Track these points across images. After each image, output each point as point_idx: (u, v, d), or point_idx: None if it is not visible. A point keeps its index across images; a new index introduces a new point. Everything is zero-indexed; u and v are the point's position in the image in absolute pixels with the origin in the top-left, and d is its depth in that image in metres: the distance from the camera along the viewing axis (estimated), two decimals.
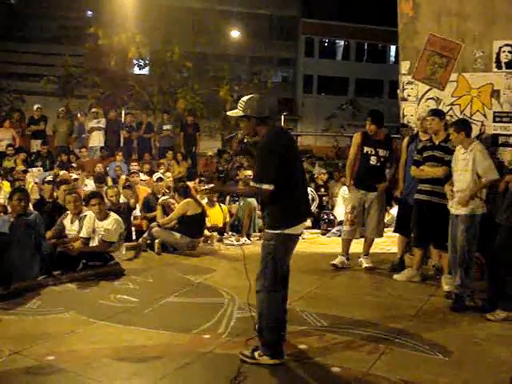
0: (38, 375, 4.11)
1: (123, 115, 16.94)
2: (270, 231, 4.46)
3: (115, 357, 4.49)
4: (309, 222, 9.71)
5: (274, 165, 4.29)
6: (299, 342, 4.89)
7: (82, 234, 7.25)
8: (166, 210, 9.03)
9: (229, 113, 4.76)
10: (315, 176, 13.32)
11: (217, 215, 9.96)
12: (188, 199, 8.62)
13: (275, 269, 4.43)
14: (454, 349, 4.86)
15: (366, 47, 46.79)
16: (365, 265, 7.67)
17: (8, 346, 4.59)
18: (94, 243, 7.26)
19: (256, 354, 4.45)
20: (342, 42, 46.70)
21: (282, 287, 4.51)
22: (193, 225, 8.54)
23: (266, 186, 4.28)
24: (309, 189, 10.33)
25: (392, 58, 46.93)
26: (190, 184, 11.01)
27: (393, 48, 46.54)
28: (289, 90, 44.56)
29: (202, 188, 5.92)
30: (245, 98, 4.51)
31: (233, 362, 4.44)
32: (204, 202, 9.84)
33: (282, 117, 26.54)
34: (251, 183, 4.45)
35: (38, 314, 5.49)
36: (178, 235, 8.44)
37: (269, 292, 4.45)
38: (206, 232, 9.22)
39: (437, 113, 6.90)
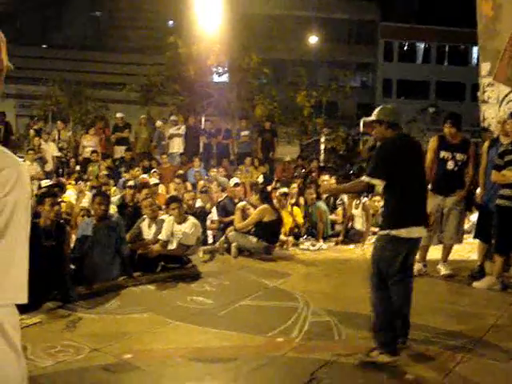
0: (116, 372, 4.28)
1: (202, 122, 17.29)
2: (379, 232, 4.76)
3: (190, 357, 4.60)
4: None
5: (387, 164, 4.54)
6: (371, 348, 4.82)
7: (160, 237, 7.46)
8: (243, 214, 9.13)
9: (364, 119, 5.12)
10: None
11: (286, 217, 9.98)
12: (265, 205, 8.68)
13: (381, 269, 4.58)
14: None
15: (446, 49, 45.57)
16: (443, 272, 7.48)
17: (88, 343, 4.81)
18: (172, 246, 7.46)
19: (374, 353, 4.51)
20: (421, 45, 45.67)
21: (395, 284, 4.58)
22: (269, 230, 8.61)
23: (375, 181, 4.55)
24: None
25: (474, 60, 45.43)
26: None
27: (475, 49, 45.06)
28: (368, 95, 43.98)
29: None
30: (379, 107, 4.89)
31: (306, 365, 4.46)
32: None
33: (361, 122, 26.15)
34: (363, 178, 4.67)
35: (118, 314, 5.72)
36: (254, 239, 8.53)
37: (377, 291, 4.61)
38: (282, 236, 9.26)
39: None
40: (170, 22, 28.61)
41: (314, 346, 4.92)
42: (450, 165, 7.28)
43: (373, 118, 4.79)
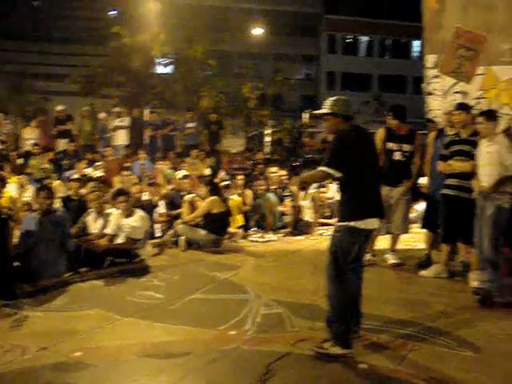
0: (66, 371, 4.14)
1: (145, 113, 17.01)
2: (337, 223, 4.71)
3: (142, 353, 4.50)
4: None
5: (343, 155, 4.53)
6: (323, 339, 4.82)
7: (107, 231, 7.29)
8: (191, 207, 9.02)
9: (315, 112, 5.01)
10: None
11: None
12: (214, 197, 8.60)
13: (338, 260, 4.57)
14: (484, 345, 4.80)
15: (389, 43, 46.38)
16: (391, 261, 7.59)
17: (36, 342, 4.65)
18: (119, 240, 7.29)
19: (326, 344, 4.53)
20: (364, 38, 46.37)
21: (348, 275, 4.62)
22: (218, 222, 8.54)
23: (331, 171, 4.53)
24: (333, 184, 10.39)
25: (415, 54, 46.50)
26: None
27: (416, 43, 46.11)
28: (312, 87, 44.36)
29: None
30: (331, 98, 4.81)
31: (259, 358, 4.42)
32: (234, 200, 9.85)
33: (304, 114, 26.32)
34: (319, 168, 4.62)
35: (65, 311, 5.54)
36: (203, 232, 8.44)
37: (334, 282, 4.59)
38: (231, 229, 9.20)
39: (464, 107, 6.81)
40: (113, 12, 27.99)
41: (267, 339, 4.88)
42: (397, 156, 7.37)
43: (326, 110, 4.75)
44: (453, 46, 7.40)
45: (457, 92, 7.44)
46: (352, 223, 4.53)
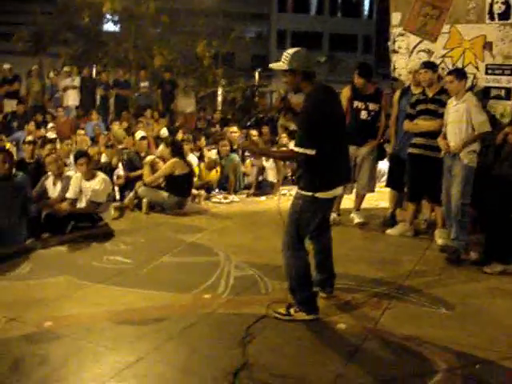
0: (39, 342, 3.97)
1: (94, 72, 16.48)
2: (300, 191, 4.39)
3: (116, 320, 4.38)
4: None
5: (318, 130, 4.18)
6: None
7: (68, 195, 7.06)
8: (152, 169, 8.81)
9: (271, 65, 4.54)
10: None
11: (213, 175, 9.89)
12: (176, 159, 8.40)
13: (299, 229, 4.39)
14: (456, 302, 4.88)
15: (339, 1, 46.17)
16: (356, 220, 7.61)
17: (3, 312, 4.44)
18: (81, 204, 7.07)
19: (291, 310, 4.43)
20: None
21: (304, 246, 4.47)
22: (180, 184, 8.35)
23: (308, 151, 4.17)
24: None
25: (366, 13, 46.56)
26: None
27: (366, 2, 46.15)
28: (262, 46, 43.93)
29: (244, 145, 5.61)
30: (290, 51, 4.32)
31: (237, 321, 4.37)
32: (194, 160, 9.69)
33: (256, 73, 26.07)
34: (292, 147, 4.35)
35: (30, 279, 5.33)
36: (165, 194, 8.27)
37: (293, 250, 4.41)
38: (194, 190, 9.06)
39: (430, 65, 6.77)
40: None
41: (242, 301, 4.83)
42: (364, 115, 7.34)
43: (284, 66, 4.27)
44: (418, 4, 7.32)
45: (422, 50, 7.38)
46: (318, 194, 4.30)
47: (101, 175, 7.13)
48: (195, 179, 9.18)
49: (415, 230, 7.15)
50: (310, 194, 4.30)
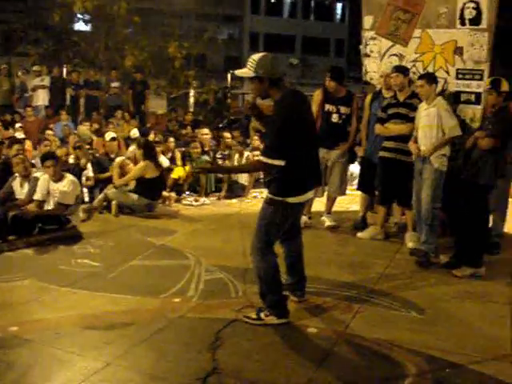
0: (3, 348, 3.86)
1: (65, 72, 16.27)
2: (270, 196, 4.31)
3: (83, 325, 4.29)
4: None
5: (286, 139, 4.11)
6: None
7: (35, 197, 6.91)
8: (122, 171, 8.70)
9: (237, 72, 4.41)
10: None
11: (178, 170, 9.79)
12: (146, 161, 8.30)
13: (269, 233, 4.33)
14: (426, 306, 4.88)
15: (312, 4, 46.34)
16: (327, 223, 7.61)
17: None
18: (48, 206, 6.94)
19: (262, 314, 4.38)
20: None
21: (273, 250, 4.42)
22: (151, 187, 8.26)
23: (277, 162, 4.09)
24: None
25: (338, 16, 46.84)
26: None
27: (339, 5, 46.43)
28: (235, 48, 43.88)
29: (196, 170, 5.94)
30: (255, 57, 4.19)
31: (206, 326, 4.32)
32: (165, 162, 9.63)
33: (229, 75, 26.06)
34: (261, 157, 4.21)
35: None
36: (135, 196, 8.16)
37: (262, 255, 4.35)
38: (164, 192, 8.97)
39: (401, 69, 6.81)
40: None
41: (212, 305, 4.78)
42: (335, 118, 7.35)
43: (249, 73, 4.17)
44: (390, 8, 7.36)
45: (393, 54, 7.42)
46: (289, 199, 4.23)
47: (69, 177, 7.00)
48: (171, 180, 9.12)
49: (386, 233, 7.18)
50: (280, 198, 4.24)
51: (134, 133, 12.10)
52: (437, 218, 6.17)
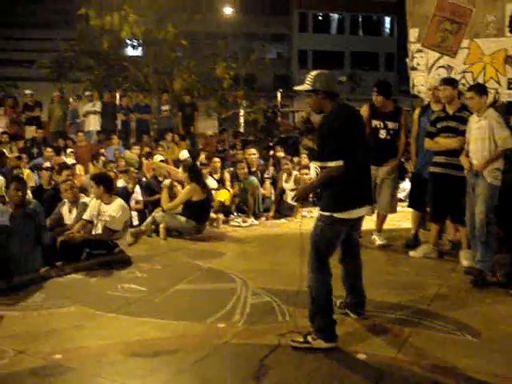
0: (46, 376, 3.84)
1: (118, 97, 16.61)
2: (320, 212, 4.41)
3: (127, 352, 4.23)
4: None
5: (337, 141, 4.24)
6: None
7: (84, 217, 6.94)
8: (170, 193, 8.71)
9: (296, 87, 4.73)
10: None
11: (224, 193, 9.73)
12: (193, 184, 8.28)
13: (320, 250, 4.35)
14: (481, 328, 4.65)
15: (360, 19, 46.13)
16: (378, 242, 7.41)
17: (12, 345, 4.32)
18: (97, 230, 6.95)
19: (309, 337, 4.28)
20: (335, 16, 46.06)
21: (328, 269, 4.41)
22: (198, 210, 8.24)
23: (333, 164, 4.21)
24: (312, 165, 10.19)
25: (387, 30, 46.46)
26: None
27: (387, 19, 46.06)
28: (284, 66, 44.04)
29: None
30: (313, 73, 4.48)
31: (252, 352, 4.20)
32: (213, 184, 9.63)
33: (279, 94, 26.08)
34: (315, 162, 4.31)
35: (43, 309, 5.21)
36: (183, 219, 8.15)
37: (315, 273, 4.36)
38: (212, 214, 8.95)
39: (450, 81, 6.59)
40: None
41: (258, 330, 4.66)
42: (382, 134, 7.18)
43: (307, 87, 4.43)
44: (436, 19, 7.17)
45: (441, 66, 7.22)
46: (335, 214, 4.29)
47: (118, 201, 7.01)
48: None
49: (439, 251, 6.93)
50: (328, 214, 4.31)
51: (183, 154, 12.15)
52: (492, 234, 5.90)
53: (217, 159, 10.70)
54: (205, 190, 8.44)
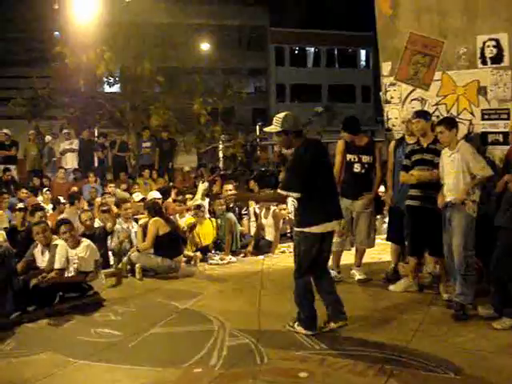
0: None
1: (96, 133, 16.53)
2: (295, 228, 5.33)
3: None
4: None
5: (300, 176, 5.06)
6: (299, 370, 4.52)
7: (56, 266, 6.73)
8: (145, 231, 8.55)
9: (266, 129, 5.46)
10: None
11: (207, 230, 9.66)
12: (155, 218, 8.18)
13: (301, 261, 5.23)
14: (464, 364, 4.57)
15: (336, 52, 46.81)
16: (358, 277, 7.31)
17: None
18: (69, 273, 6.77)
19: (295, 324, 5.34)
20: (311, 49, 46.69)
21: (306, 275, 5.29)
22: (167, 244, 8.09)
23: (293, 194, 5.10)
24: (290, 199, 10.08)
25: (363, 63, 47.17)
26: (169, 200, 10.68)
27: (363, 52, 46.80)
28: (262, 100, 44.33)
29: (228, 194, 6.80)
30: (280, 115, 5.24)
31: None
32: (189, 218, 9.55)
33: (257, 127, 26.14)
34: (279, 190, 5.21)
35: (13, 357, 5.02)
36: (158, 259, 7.98)
37: (297, 279, 5.28)
38: (189, 252, 8.80)
39: (423, 114, 6.60)
40: (56, 33, 27.19)
41: (236, 375, 4.51)
42: (357, 167, 7.14)
43: (277, 128, 5.17)
44: (408, 53, 7.21)
45: (415, 99, 7.24)
46: (306, 229, 5.12)
47: (85, 242, 6.85)
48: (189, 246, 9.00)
49: (419, 284, 6.83)
50: (300, 229, 5.20)
51: (151, 194, 11.68)
52: (472, 266, 5.84)
53: (188, 195, 10.67)
54: (168, 224, 8.33)
